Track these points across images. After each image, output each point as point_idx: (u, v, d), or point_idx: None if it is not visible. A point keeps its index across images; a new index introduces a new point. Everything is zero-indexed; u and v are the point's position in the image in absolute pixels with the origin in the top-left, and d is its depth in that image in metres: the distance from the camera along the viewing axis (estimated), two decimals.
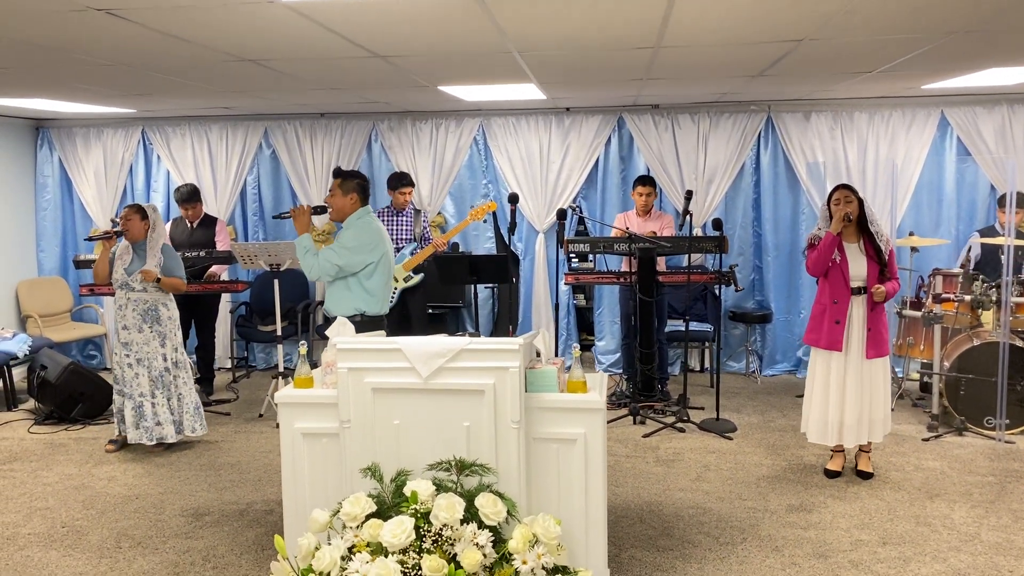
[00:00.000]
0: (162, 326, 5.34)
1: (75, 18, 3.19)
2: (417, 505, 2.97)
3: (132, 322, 5.30)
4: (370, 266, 4.61)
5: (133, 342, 5.30)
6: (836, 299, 4.64)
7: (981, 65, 4.97)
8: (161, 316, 5.34)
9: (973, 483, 4.71)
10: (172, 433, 5.37)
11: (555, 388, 3.29)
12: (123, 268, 5.29)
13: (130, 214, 5.31)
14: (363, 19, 3.37)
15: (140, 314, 5.29)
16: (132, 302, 5.29)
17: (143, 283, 5.27)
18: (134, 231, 5.30)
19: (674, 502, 4.53)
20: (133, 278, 5.26)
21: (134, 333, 5.30)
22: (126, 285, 5.28)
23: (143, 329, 5.30)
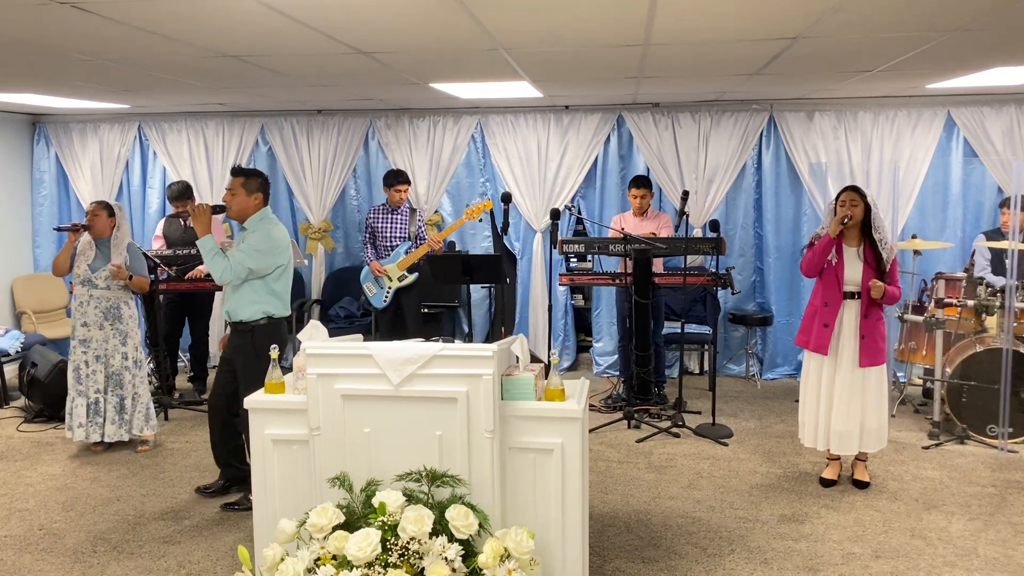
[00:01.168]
0: (124, 324, 5.28)
1: (39, 12, 3.11)
2: (385, 517, 2.88)
3: (93, 319, 5.23)
4: (279, 268, 4.43)
5: (92, 339, 5.23)
6: (827, 302, 4.52)
7: (985, 64, 4.83)
8: (123, 314, 5.28)
9: (973, 494, 4.58)
10: (116, 432, 5.27)
11: (532, 396, 3.19)
12: (86, 264, 5.22)
13: (97, 209, 5.25)
14: (337, 14, 3.28)
15: (102, 312, 5.23)
16: (94, 299, 5.23)
17: (107, 280, 5.20)
18: (99, 227, 5.24)
19: (663, 511, 4.42)
20: (97, 275, 5.20)
21: (94, 330, 5.23)
22: (89, 282, 5.22)
23: (104, 327, 5.23)
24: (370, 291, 6.60)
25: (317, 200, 7.67)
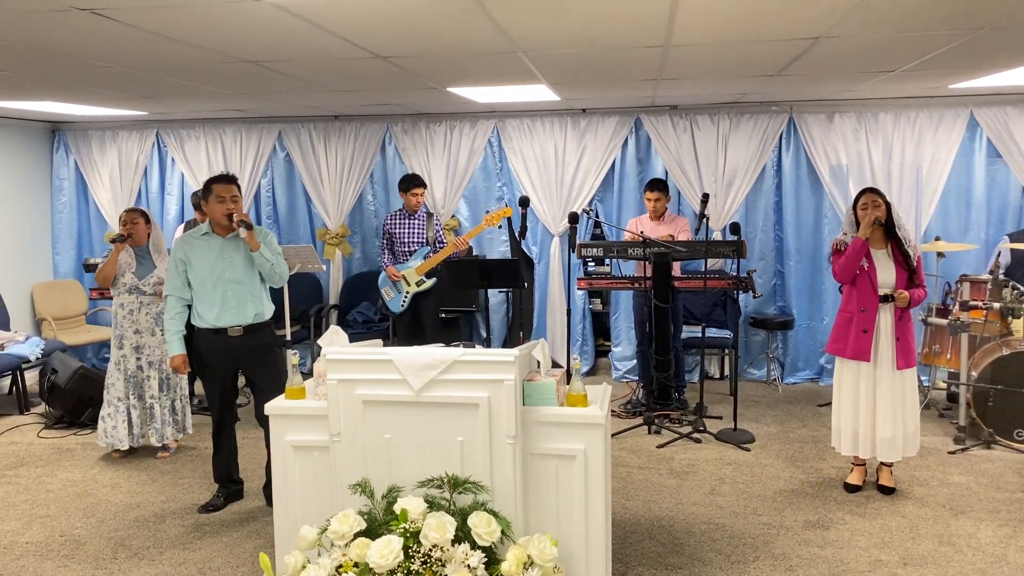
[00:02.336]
0: None
1: (59, 18, 3.12)
2: (407, 524, 2.85)
3: (146, 325, 5.28)
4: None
5: (146, 345, 5.29)
6: (864, 307, 4.46)
7: (1010, 63, 4.75)
8: None
9: (1001, 500, 4.50)
10: (171, 434, 5.40)
11: (554, 401, 3.15)
12: (131, 273, 5.25)
13: (135, 217, 5.28)
14: (356, 19, 3.26)
15: (153, 318, 5.30)
16: (145, 306, 5.29)
17: (155, 287, 5.26)
18: (140, 235, 5.27)
19: (686, 517, 4.37)
20: (145, 282, 5.25)
21: (147, 336, 5.29)
22: (137, 289, 5.25)
23: (155, 332, 5.30)
24: (388, 296, 6.59)
25: (335, 205, 7.67)
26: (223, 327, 4.34)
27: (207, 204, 4.34)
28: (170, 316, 4.37)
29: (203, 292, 4.35)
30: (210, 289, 4.33)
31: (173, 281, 4.36)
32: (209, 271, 4.33)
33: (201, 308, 4.36)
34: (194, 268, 4.34)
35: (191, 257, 4.34)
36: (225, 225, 4.34)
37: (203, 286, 4.34)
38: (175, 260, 4.35)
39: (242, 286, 4.37)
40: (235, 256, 4.37)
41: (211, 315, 4.34)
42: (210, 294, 4.33)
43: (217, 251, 4.36)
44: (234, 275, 4.36)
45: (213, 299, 4.33)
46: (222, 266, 4.35)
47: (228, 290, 4.34)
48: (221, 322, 4.34)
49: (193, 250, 4.35)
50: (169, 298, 4.38)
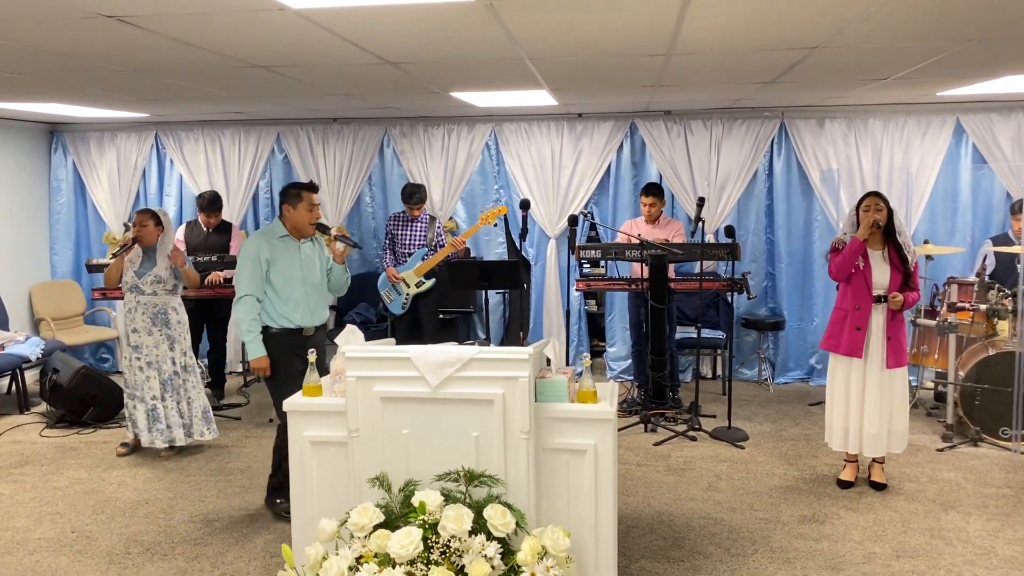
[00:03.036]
0: (171, 329, 5.35)
1: (85, 25, 3.19)
2: (425, 516, 2.95)
3: (142, 325, 5.31)
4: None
5: (143, 345, 5.32)
6: (858, 305, 4.60)
7: (997, 72, 4.91)
8: (170, 320, 5.35)
9: (988, 495, 4.66)
10: (182, 436, 5.40)
11: (565, 398, 3.27)
12: (133, 271, 5.30)
13: (145, 220, 5.32)
14: (374, 26, 3.36)
15: (150, 317, 5.31)
16: (142, 305, 5.31)
17: (154, 286, 5.29)
18: (148, 236, 5.32)
19: (685, 512, 4.49)
20: (143, 280, 5.27)
21: (144, 336, 5.32)
22: (136, 288, 5.30)
23: (152, 332, 5.32)
24: (388, 298, 6.68)
25: (333, 207, 7.75)
26: (302, 327, 4.42)
27: (293, 209, 4.37)
28: (252, 316, 4.32)
29: (289, 293, 4.38)
30: (297, 290, 4.39)
31: (254, 280, 4.31)
32: (295, 273, 4.39)
33: (285, 308, 4.38)
34: (279, 269, 4.35)
35: (276, 258, 4.35)
36: (309, 232, 4.45)
37: (290, 287, 4.38)
38: (257, 259, 4.30)
39: (317, 289, 4.51)
40: (313, 260, 4.50)
41: (297, 315, 4.40)
42: (297, 295, 4.39)
43: (298, 254, 4.43)
44: (313, 278, 4.48)
45: (299, 300, 4.40)
46: (305, 269, 4.43)
47: (309, 292, 4.45)
48: (304, 322, 4.43)
49: (276, 251, 4.36)
50: (248, 298, 4.31)
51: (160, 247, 5.35)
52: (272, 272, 4.35)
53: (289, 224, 4.42)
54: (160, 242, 5.35)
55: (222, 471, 5.22)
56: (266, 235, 4.41)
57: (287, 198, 4.42)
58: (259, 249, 4.33)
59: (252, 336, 4.32)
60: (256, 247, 4.34)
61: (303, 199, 4.37)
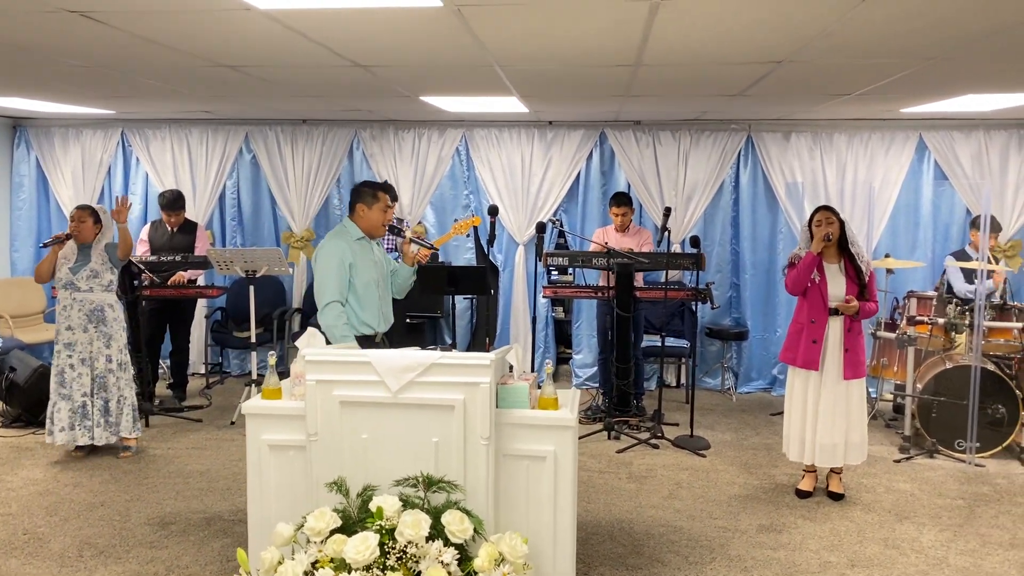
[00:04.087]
0: (108, 327, 5.28)
1: (48, 19, 3.15)
2: (382, 521, 2.94)
3: (77, 322, 5.22)
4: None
5: (78, 342, 5.23)
6: (814, 319, 4.65)
7: (957, 91, 5.02)
8: (107, 316, 5.28)
9: (943, 506, 4.73)
10: (105, 435, 5.28)
11: (526, 404, 3.27)
12: (67, 267, 5.23)
13: (84, 216, 5.25)
14: (343, 28, 3.35)
15: (86, 314, 5.23)
16: (78, 302, 5.23)
17: (89, 282, 5.22)
18: (86, 233, 5.25)
19: (645, 520, 4.52)
20: (79, 277, 5.21)
21: (79, 333, 5.23)
22: (71, 285, 5.22)
23: (88, 329, 5.23)
24: None
25: (300, 209, 7.70)
26: (374, 333, 4.26)
27: (368, 209, 4.22)
28: (344, 320, 4.07)
29: (368, 297, 4.20)
30: (374, 295, 4.23)
31: (341, 285, 4.10)
32: (372, 277, 4.22)
33: (365, 314, 4.20)
34: (359, 273, 4.15)
35: (357, 261, 4.15)
36: (380, 234, 4.34)
37: (369, 291, 4.20)
38: (342, 263, 4.09)
39: (388, 292, 4.38)
40: (382, 262, 4.36)
41: (375, 320, 4.24)
42: (374, 300, 4.23)
43: (372, 256, 4.27)
44: (383, 280, 4.34)
45: (375, 304, 4.24)
46: (377, 272, 4.28)
47: (382, 295, 4.31)
48: (379, 327, 4.27)
49: (356, 254, 4.16)
50: (335, 304, 4.07)
51: (95, 245, 5.28)
52: (355, 277, 4.13)
53: (363, 224, 4.24)
54: (96, 240, 5.29)
55: (180, 473, 5.15)
56: (343, 237, 4.18)
57: (362, 197, 4.23)
58: (343, 253, 4.10)
59: (350, 341, 4.01)
60: (340, 251, 4.10)
61: (379, 199, 4.21)
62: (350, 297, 4.15)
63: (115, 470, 5.19)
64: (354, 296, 4.16)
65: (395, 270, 4.50)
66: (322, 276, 4.10)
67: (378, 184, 4.32)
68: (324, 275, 4.09)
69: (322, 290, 4.09)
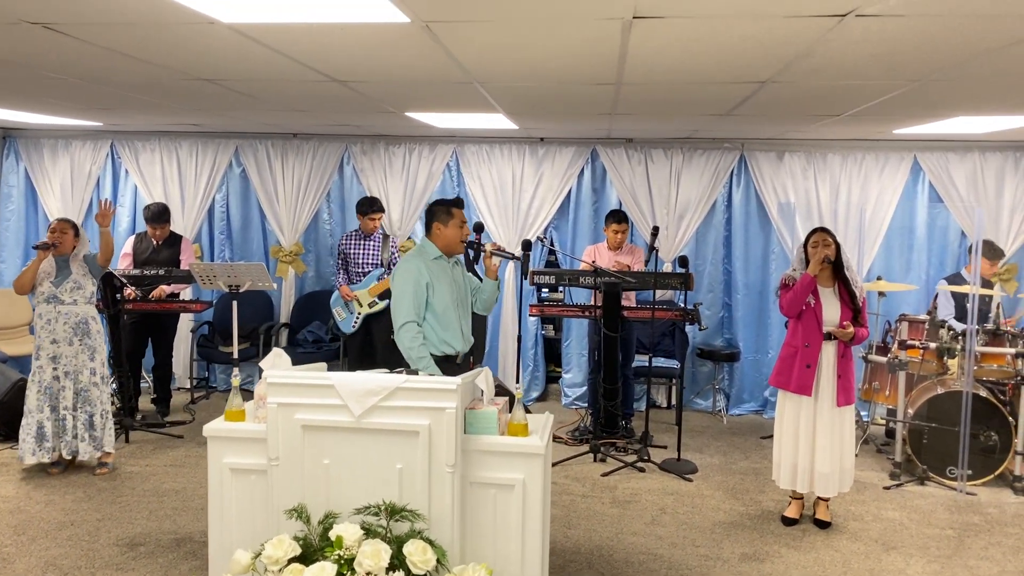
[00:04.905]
0: (92, 340, 5.24)
1: (11, 31, 3.09)
2: (341, 551, 2.85)
3: (62, 335, 5.17)
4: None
5: (63, 355, 5.18)
6: (808, 343, 4.56)
7: (948, 113, 4.94)
8: (91, 330, 5.24)
9: (931, 536, 4.62)
10: (88, 449, 5.22)
11: (495, 430, 3.18)
12: (49, 282, 5.18)
13: (65, 228, 5.24)
14: (312, 43, 3.29)
15: (71, 327, 5.18)
16: (62, 315, 5.18)
17: (73, 294, 5.18)
18: (66, 245, 5.23)
19: (626, 547, 4.41)
20: (62, 290, 5.16)
21: (64, 346, 5.17)
22: (54, 298, 5.17)
23: (73, 342, 5.18)
24: (339, 315, 6.57)
25: (289, 223, 7.64)
26: (456, 353, 4.15)
27: (444, 227, 4.13)
28: (420, 342, 3.99)
29: (447, 317, 4.10)
30: (453, 314, 4.12)
31: (418, 305, 4.02)
32: (451, 296, 4.12)
33: (446, 334, 4.10)
34: (438, 293, 4.06)
35: (434, 281, 4.07)
36: (459, 251, 4.20)
37: (448, 311, 4.10)
38: (418, 283, 4.02)
39: (468, 311, 4.26)
40: (461, 281, 4.25)
41: (458, 342, 4.14)
42: (453, 320, 4.12)
43: (450, 275, 4.17)
44: (463, 300, 4.22)
45: (455, 324, 4.13)
46: (456, 291, 4.18)
47: (461, 315, 4.19)
48: (460, 348, 4.16)
49: (434, 273, 4.08)
50: (411, 324, 3.98)
51: (73, 257, 5.26)
52: (432, 296, 4.06)
53: (440, 243, 4.15)
54: (74, 253, 5.27)
55: (155, 492, 5.06)
56: (421, 257, 4.12)
57: (437, 216, 4.15)
58: (419, 273, 4.03)
59: (426, 362, 3.94)
60: (417, 271, 4.04)
61: (454, 216, 4.12)
62: (429, 317, 4.07)
63: (89, 488, 5.10)
64: (433, 316, 4.08)
65: (477, 287, 4.36)
66: (398, 297, 4.04)
67: (451, 200, 4.20)
68: (400, 296, 4.03)
69: (398, 311, 4.03)
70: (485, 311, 4.45)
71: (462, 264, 4.34)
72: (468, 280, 4.36)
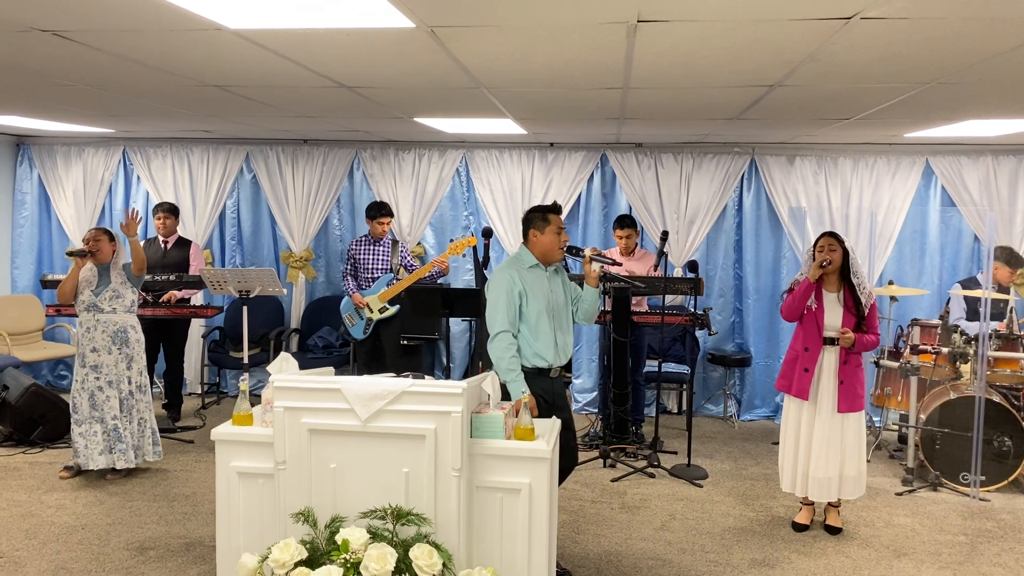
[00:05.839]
0: (130, 348, 5.27)
1: (23, 38, 3.12)
2: (347, 554, 2.85)
3: (102, 344, 5.20)
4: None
5: (103, 364, 5.21)
6: (808, 347, 4.54)
7: (959, 117, 4.92)
8: (130, 338, 5.26)
9: (943, 542, 4.58)
10: (132, 458, 5.27)
11: (501, 434, 3.18)
12: (89, 291, 5.21)
13: (100, 235, 5.27)
14: (319, 49, 3.31)
15: (110, 336, 5.21)
16: (102, 324, 5.21)
17: (112, 303, 5.21)
18: (104, 253, 5.25)
19: (634, 552, 4.39)
20: (101, 299, 5.19)
21: (104, 355, 5.21)
22: (94, 307, 5.20)
23: (112, 351, 5.21)
24: (350, 322, 6.59)
25: (300, 229, 7.67)
26: (549, 367, 4.01)
27: (541, 234, 3.99)
28: (511, 354, 3.87)
29: (541, 328, 3.96)
30: (547, 325, 3.98)
31: (510, 315, 3.92)
32: (545, 306, 3.98)
33: (539, 346, 3.97)
34: (531, 303, 3.94)
35: (528, 290, 3.95)
36: (557, 258, 4.06)
37: (541, 321, 3.96)
38: (511, 292, 3.92)
39: (565, 322, 4.10)
40: (558, 291, 4.09)
41: (550, 354, 3.99)
42: (547, 331, 3.98)
43: (547, 285, 4.03)
44: (559, 310, 4.07)
45: (549, 335, 3.99)
46: (552, 301, 4.03)
47: (557, 327, 4.03)
48: (555, 361, 4.02)
49: (528, 283, 3.96)
50: (505, 335, 3.89)
51: (113, 265, 5.29)
52: (525, 306, 3.95)
53: (537, 251, 4.01)
54: (114, 260, 5.30)
55: (166, 496, 5.08)
56: (516, 266, 4.01)
57: (533, 223, 4.02)
58: (512, 282, 3.93)
59: (514, 375, 3.84)
60: (509, 280, 3.94)
61: (550, 222, 3.98)
62: (523, 327, 3.97)
63: (100, 492, 5.13)
64: (526, 326, 3.97)
65: (577, 296, 4.23)
66: (491, 306, 3.96)
67: (546, 206, 4.08)
68: (493, 305, 3.95)
69: (491, 320, 3.95)
70: (586, 321, 4.26)
71: (563, 273, 4.20)
72: (570, 290, 4.17)
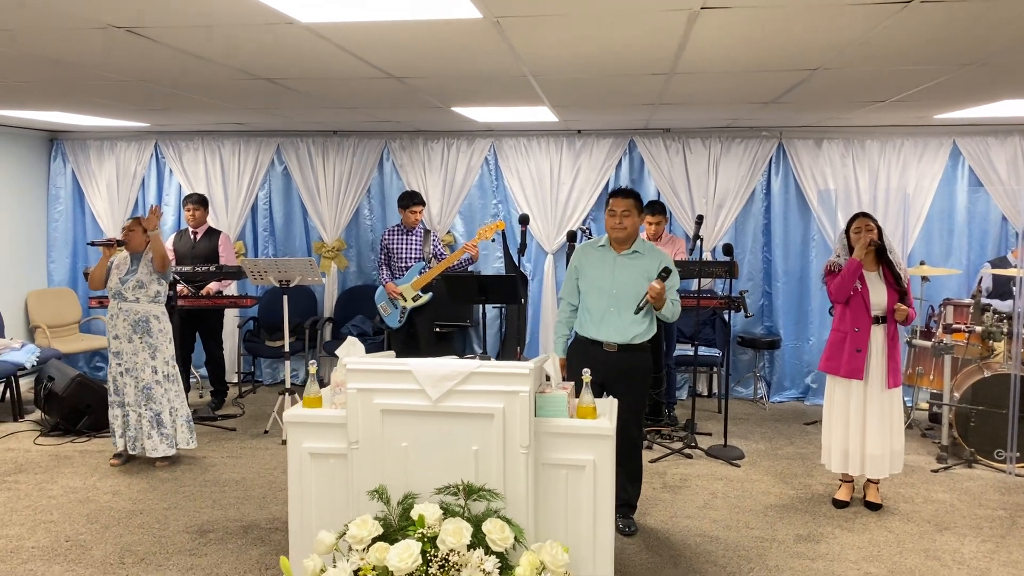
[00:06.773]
0: (153, 338, 5.32)
1: (95, 35, 3.21)
2: (424, 529, 2.95)
3: (123, 332, 5.30)
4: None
5: (123, 352, 5.30)
6: (858, 327, 4.62)
7: (994, 97, 4.97)
8: (152, 328, 5.32)
9: (983, 516, 4.67)
10: (157, 447, 5.32)
11: (565, 413, 3.27)
12: (118, 277, 5.33)
13: (133, 225, 5.38)
14: (383, 41, 3.39)
15: (131, 324, 5.29)
16: (123, 312, 5.30)
17: (135, 292, 5.28)
18: (135, 242, 5.35)
19: (681, 530, 4.49)
20: (126, 287, 5.28)
21: (124, 343, 5.30)
22: (119, 295, 5.30)
23: (132, 339, 5.29)
24: (385, 311, 6.68)
25: (331, 219, 7.77)
26: (601, 340, 4.27)
27: (606, 218, 4.31)
28: (561, 319, 4.48)
29: (590, 302, 4.32)
30: (595, 300, 4.29)
31: (568, 286, 4.46)
32: (598, 282, 4.29)
33: (584, 317, 4.35)
34: (585, 277, 4.35)
35: (583, 265, 4.37)
36: (621, 240, 4.27)
37: (590, 296, 4.32)
38: (573, 267, 4.43)
39: (624, 305, 4.23)
40: (624, 273, 4.25)
41: (593, 329, 4.28)
42: (597, 307, 4.28)
43: (611, 265, 4.28)
44: (620, 292, 4.23)
45: (599, 312, 4.27)
46: (611, 281, 4.25)
47: (611, 305, 4.25)
48: (603, 337, 4.25)
49: (587, 259, 4.37)
50: (562, 302, 4.49)
51: (144, 255, 5.38)
52: (581, 281, 4.37)
53: (607, 232, 4.36)
54: (145, 251, 5.39)
55: (216, 482, 5.20)
56: (591, 244, 4.44)
57: (606, 206, 4.36)
58: (576, 258, 4.43)
59: (555, 337, 4.51)
60: (576, 257, 4.44)
61: (609, 204, 4.30)
62: (581, 300, 4.41)
63: (152, 479, 5.25)
64: (582, 302, 4.40)
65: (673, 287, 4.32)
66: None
67: (614, 190, 4.41)
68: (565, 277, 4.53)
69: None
70: (669, 318, 4.35)
71: (647, 256, 4.29)
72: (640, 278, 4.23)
